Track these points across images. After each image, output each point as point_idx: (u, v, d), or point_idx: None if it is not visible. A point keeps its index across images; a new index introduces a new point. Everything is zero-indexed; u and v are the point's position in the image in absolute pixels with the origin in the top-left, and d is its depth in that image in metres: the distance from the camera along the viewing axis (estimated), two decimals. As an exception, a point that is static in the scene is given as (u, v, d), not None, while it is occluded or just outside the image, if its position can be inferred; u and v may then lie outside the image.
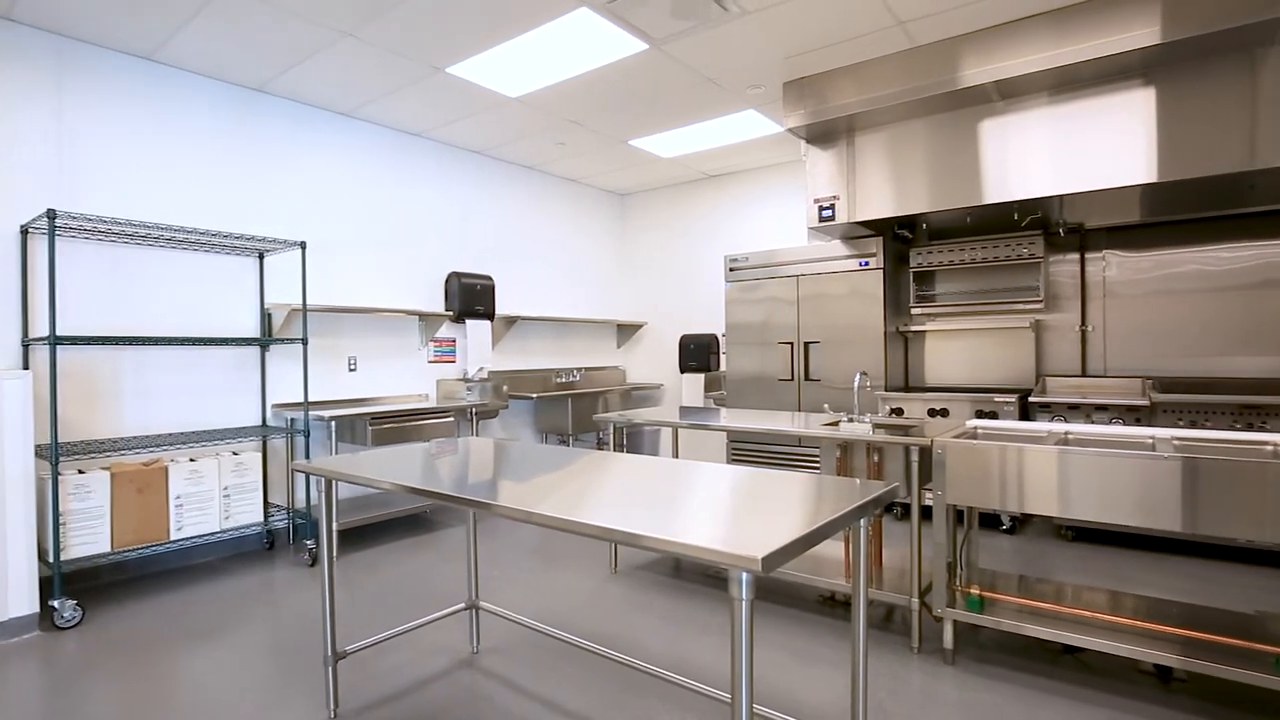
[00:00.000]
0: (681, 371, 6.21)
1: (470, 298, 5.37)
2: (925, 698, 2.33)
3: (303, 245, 3.99)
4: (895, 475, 2.97)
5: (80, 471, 3.28)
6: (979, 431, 2.95)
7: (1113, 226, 4.45)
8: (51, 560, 3.06)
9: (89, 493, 3.24)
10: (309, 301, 4.56)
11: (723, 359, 6.17)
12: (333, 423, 4.10)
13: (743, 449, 5.21)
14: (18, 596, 2.92)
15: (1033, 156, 3.69)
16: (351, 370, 4.80)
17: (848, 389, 4.78)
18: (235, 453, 3.86)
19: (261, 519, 3.85)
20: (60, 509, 3.13)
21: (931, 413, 4.39)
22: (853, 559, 1.69)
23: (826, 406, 4.07)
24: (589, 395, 6.03)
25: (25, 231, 3.37)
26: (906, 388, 5.00)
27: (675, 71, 4.08)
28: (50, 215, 3.03)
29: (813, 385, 4.95)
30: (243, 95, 4.24)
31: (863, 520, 1.63)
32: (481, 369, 5.50)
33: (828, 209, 4.45)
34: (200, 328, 4.03)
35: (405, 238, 5.19)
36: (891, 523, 4.59)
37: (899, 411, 4.52)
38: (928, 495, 4.13)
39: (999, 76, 3.53)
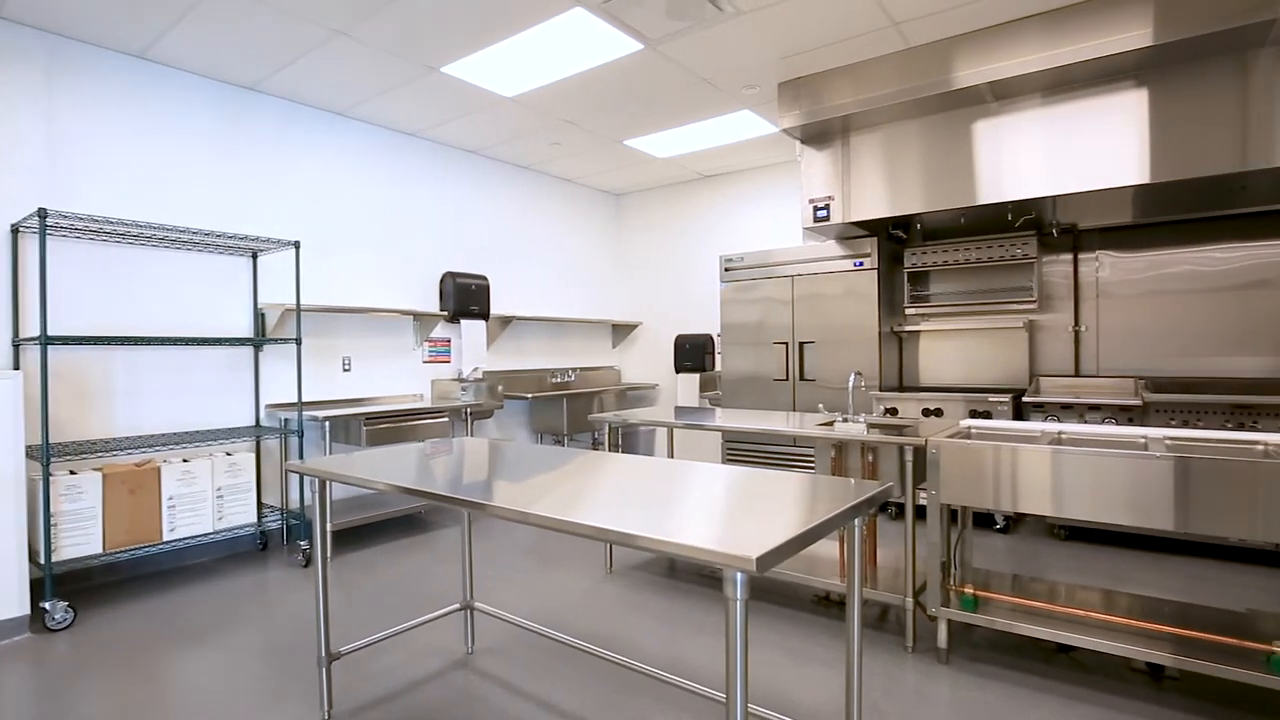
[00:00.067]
0: (677, 371, 6.21)
1: (465, 298, 5.36)
2: (919, 697, 2.33)
3: (296, 245, 3.97)
4: (890, 475, 2.97)
5: (72, 472, 3.26)
6: (973, 431, 2.96)
7: (1106, 227, 4.47)
8: (43, 562, 3.05)
9: (80, 493, 3.22)
10: (303, 301, 4.54)
11: (718, 359, 6.17)
12: (327, 423, 4.09)
13: (738, 449, 5.22)
14: (8, 598, 2.90)
15: (1026, 157, 3.71)
16: (346, 370, 4.79)
17: (842, 389, 4.79)
18: (229, 453, 3.84)
19: (255, 520, 3.83)
20: (51, 510, 3.11)
21: (926, 412, 4.41)
22: (847, 559, 1.69)
23: (821, 406, 4.08)
24: (584, 395, 6.02)
25: (16, 231, 3.35)
26: (901, 388, 5.01)
27: (670, 72, 4.09)
28: (41, 214, 3.01)
29: (808, 385, 4.96)
30: (236, 94, 4.22)
31: (857, 520, 1.64)
32: (476, 369, 5.48)
33: (823, 209, 4.46)
34: (193, 327, 4.00)
35: (400, 237, 5.17)
36: (886, 522, 4.61)
37: (893, 411, 4.53)
38: (922, 495, 4.14)
39: (993, 77, 3.54)
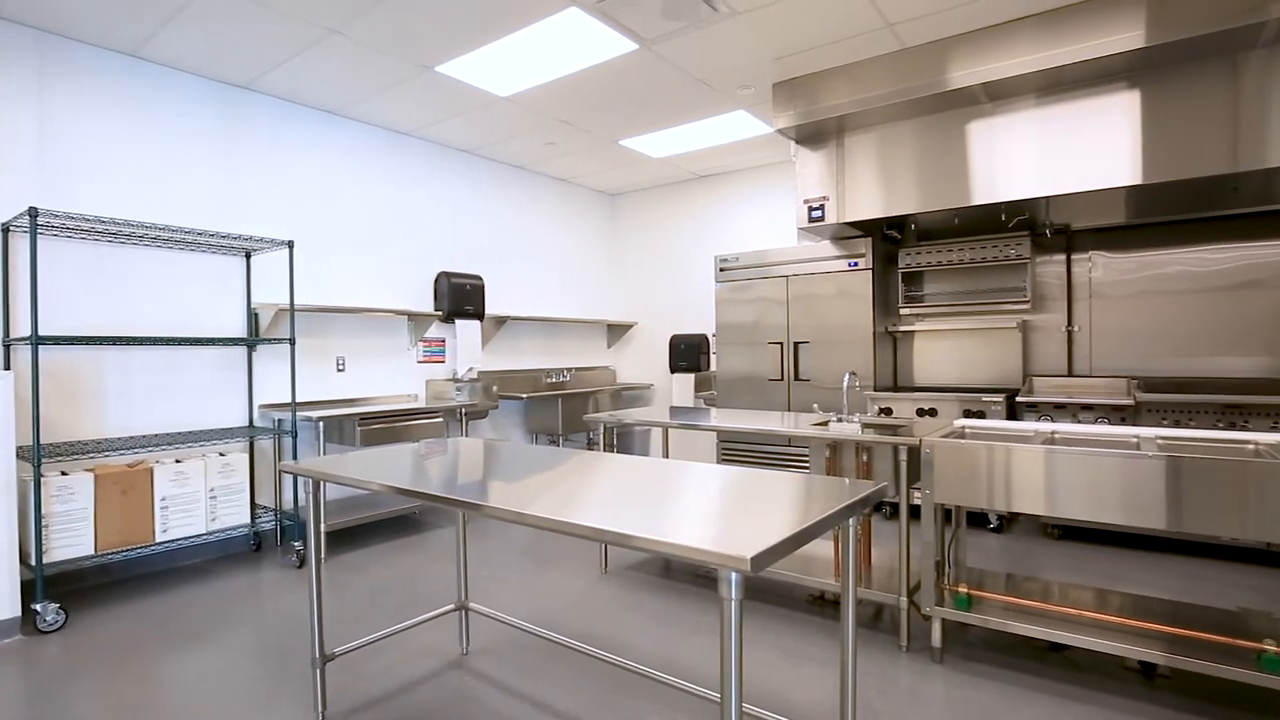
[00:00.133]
0: (672, 371, 6.22)
1: (460, 297, 5.35)
2: (913, 696, 2.34)
3: (290, 244, 3.96)
4: (884, 475, 2.98)
5: (63, 473, 3.24)
6: (967, 431, 2.97)
7: (1099, 228, 4.49)
8: (34, 563, 3.03)
9: (72, 494, 3.20)
10: (297, 301, 4.53)
11: (713, 359, 6.17)
12: (321, 423, 4.07)
13: (732, 449, 5.23)
14: (-1, 600, 2.88)
15: (1020, 158, 3.72)
16: (340, 370, 4.77)
17: (837, 389, 4.80)
18: (222, 454, 3.83)
19: (248, 520, 3.82)
20: (43, 511, 3.08)
21: (920, 412, 4.42)
22: (842, 558, 1.69)
23: (816, 406, 4.08)
24: (579, 395, 6.02)
25: (6, 230, 3.33)
26: (895, 388, 5.03)
27: (665, 72, 4.09)
28: (32, 213, 2.99)
29: (802, 385, 4.97)
30: (230, 93, 4.20)
31: (851, 520, 1.64)
32: (471, 369, 5.47)
33: (817, 209, 4.47)
34: (186, 327, 3.98)
35: (394, 237, 5.16)
36: (880, 522, 4.62)
37: (888, 411, 4.55)
38: (916, 494, 4.15)
39: (987, 78, 3.56)
